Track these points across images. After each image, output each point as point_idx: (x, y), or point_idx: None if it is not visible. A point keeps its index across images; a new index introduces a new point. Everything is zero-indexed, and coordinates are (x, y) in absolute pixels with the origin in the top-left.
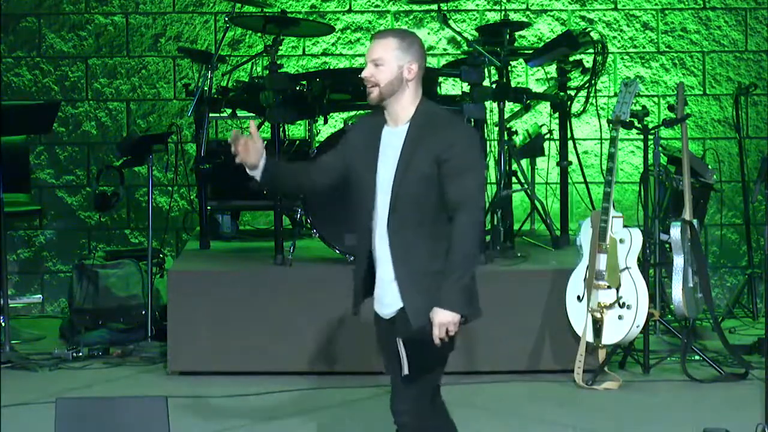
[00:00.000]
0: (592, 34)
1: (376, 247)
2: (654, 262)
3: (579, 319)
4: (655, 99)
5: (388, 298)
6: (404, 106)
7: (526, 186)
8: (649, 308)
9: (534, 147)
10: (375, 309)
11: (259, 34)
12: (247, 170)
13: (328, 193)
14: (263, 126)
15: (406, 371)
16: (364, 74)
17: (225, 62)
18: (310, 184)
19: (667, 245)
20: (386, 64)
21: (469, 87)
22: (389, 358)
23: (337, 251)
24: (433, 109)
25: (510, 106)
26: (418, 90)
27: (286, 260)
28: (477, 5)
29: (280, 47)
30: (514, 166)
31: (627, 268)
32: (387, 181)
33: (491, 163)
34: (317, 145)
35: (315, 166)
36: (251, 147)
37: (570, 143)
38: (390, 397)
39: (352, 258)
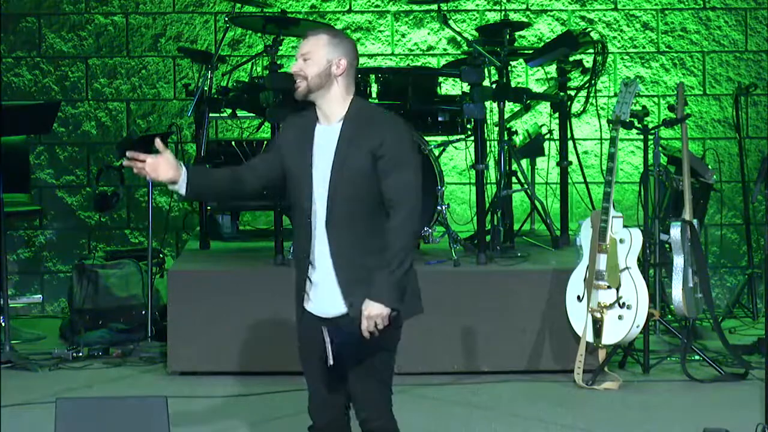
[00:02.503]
0: (592, 34)
1: (315, 248)
2: (654, 262)
3: (579, 319)
4: (655, 99)
5: (330, 299)
6: (336, 104)
7: (526, 186)
8: (649, 308)
9: (534, 147)
10: (308, 309)
11: (259, 34)
12: (168, 186)
13: (261, 195)
14: (263, 126)
15: (330, 361)
16: (292, 69)
17: (225, 62)
18: (242, 188)
19: (667, 245)
20: (314, 57)
21: (469, 87)
22: (319, 360)
23: None
24: (367, 106)
25: (510, 106)
26: (350, 87)
27: (286, 260)
28: (477, 5)
29: (280, 47)
30: (514, 166)
31: (627, 268)
32: (323, 180)
33: (491, 163)
34: None
35: (247, 169)
36: (162, 163)
37: (570, 143)
38: (307, 405)
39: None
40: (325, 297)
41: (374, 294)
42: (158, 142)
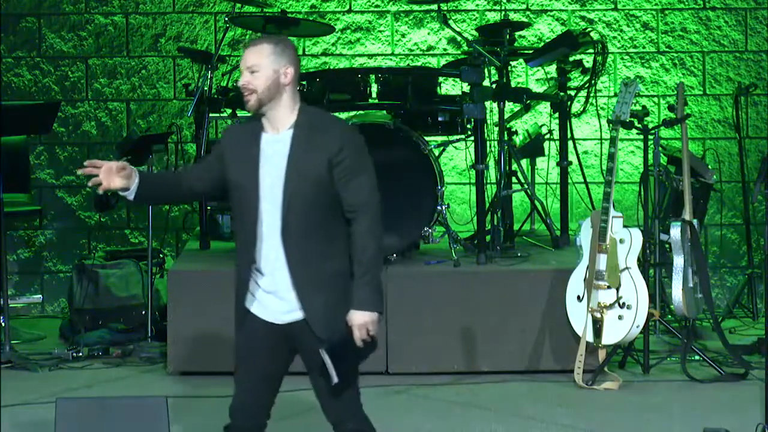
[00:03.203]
0: (592, 34)
1: (263, 256)
2: (654, 262)
3: (579, 319)
4: (655, 99)
5: (284, 306)
6: (284, 112)
7: (526, 186)
8: (649, 308)
9: (534, 147)
10: (259, 315)
11: (259, 34)
12: (119, 192)
13: (203, 199)
14: None
15: (335, 380)
16: (240, 83)
17: (225, 62)
18: (185, 194)
19: (667, 245)
20: (262, 69)
21: (469, 87)
22: (271, 365)
23: None
24: (316, 113)
25: (510, 106)
26: (296, 95)
27: None
28: (477, 5)
29: None
30: (514, 166)
31: (627, 268)
32: (275, 188)
33: (491, 163)
34: None
35: (190, 174)
36: (117, 173)
37: (570, 143)
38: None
39: None
40: (281, 304)
41: (359, 303)
42: (113, 164)
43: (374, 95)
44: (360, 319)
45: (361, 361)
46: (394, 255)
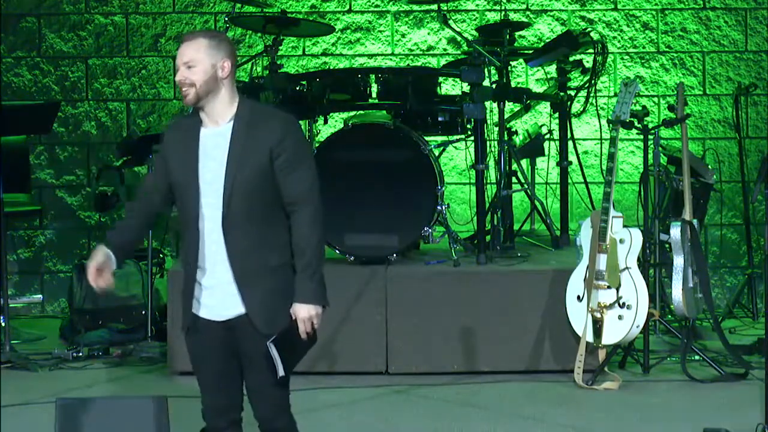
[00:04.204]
0: (592, 34)
1: (206, 251)
2: (654, 262)
3: (579, 319)
4: (655, 99)
5: (225, 302)
6: (223, 106)
7: (526, 186)
8: (649, 308)
9: (534, 147)
10: (201, 315)
11: (259, 34)
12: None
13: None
14: None
15: (281, 373)
16: (177, 78)
17: None
18: (156, 218)
19: (667, 245)
20: (199, 64)
21: (469, 87)
22: (225, 362)
23: (337, 251)
24: (255, 105)
25: (510, 106)
26: (234, 88)
27: None
28: (477, 5)
29: (280, 47)
30: (514, 166)
31: (627, 268)
32: (215, 182)
33: (491, 163)
34: (317, 145)
35: (150, 195)
36: (105, 272)
37: (570, 143)
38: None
39: (352, 258)
40: (221, 300)
41: (304, 296)
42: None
43: (374, 95)
44: (305, 313)
45: (302, 355)
46: (394, 255)
